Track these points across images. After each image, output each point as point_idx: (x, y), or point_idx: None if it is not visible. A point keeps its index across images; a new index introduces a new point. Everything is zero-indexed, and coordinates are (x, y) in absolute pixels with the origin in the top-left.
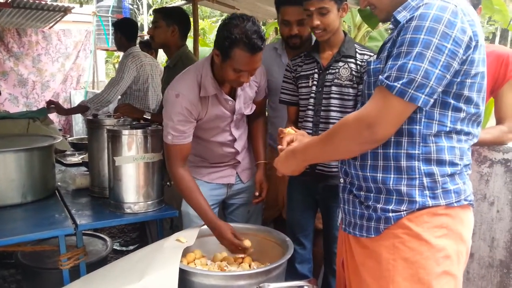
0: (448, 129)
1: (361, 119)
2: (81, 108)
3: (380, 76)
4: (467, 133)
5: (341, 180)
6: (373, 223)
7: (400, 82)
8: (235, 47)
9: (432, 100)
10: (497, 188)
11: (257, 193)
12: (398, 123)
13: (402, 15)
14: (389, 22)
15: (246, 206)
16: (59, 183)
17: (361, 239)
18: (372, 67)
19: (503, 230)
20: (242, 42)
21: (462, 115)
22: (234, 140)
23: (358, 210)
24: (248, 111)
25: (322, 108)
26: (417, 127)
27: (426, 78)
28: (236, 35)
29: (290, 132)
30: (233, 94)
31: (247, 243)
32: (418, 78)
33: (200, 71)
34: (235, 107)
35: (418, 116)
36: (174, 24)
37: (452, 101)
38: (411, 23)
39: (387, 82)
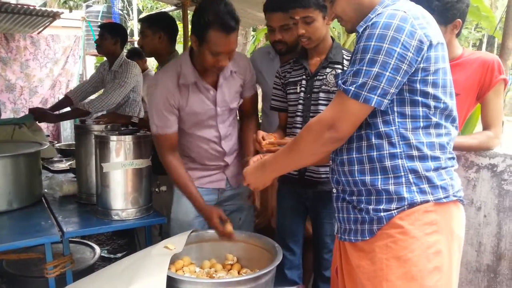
0: (422, 124)
1: (322, 121)
2: (80, 113)
3: (339, 81)
4: (443, 127)
5: (334, 190)
6: (367, 226)
7: (354, 85)
8: (209, 29)
9: (386, 101)
10: (484, 193)
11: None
12: (356, 122)
13: (362, 27)
14: None
15: (237, 213)
16: (46, 190)
17: (357, 244)
18: (339, 79)
19: (490, 235)
20: (216, 24)
21: (432, 110)
22: (220, 137)
23: (352, 215)
24: (234, 105)
25: (311, 114)
26: (393, 128)
27: (377, 81)
28: (210, 18)
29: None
30: (215, 87)
31: (228, 228)
32: (370, 81)
33: (180, 61)
34: (216, 98)
35: (391, 117)
36: (159, 31)
37: (420, 98)
38: (365, 32)
39: (343, 86)
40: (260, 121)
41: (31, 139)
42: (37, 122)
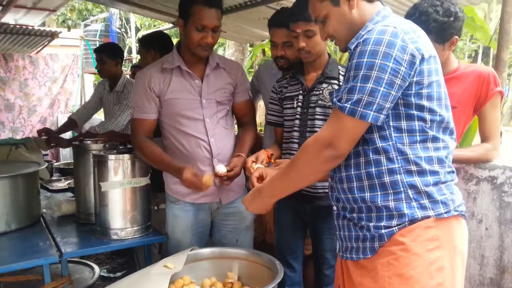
0: (419, 138)
1: (320, 139)
2: (90, 135)
3: (334, 99)
4: (440, 141)
5: (334, 208)
6: (368, 243)
7: (350, 102)
8: (193, 4)
9: (382, 116)
10: (484, 205)
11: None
12: (354, 139)
13: (353, 44)
14: None
15: (234, 235)
16: (44, 210)
17: (359, 261)
18: (334, 96)
19: (492, 248)
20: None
21: (428, 124)
22: (207, 134)
23: (353, 233)
24: (221, 99)
25: (308, 129)
26: (390, 143)
27: (372, 96)
28: None
29: (259, 167)
30: (202, 79)
31: (206, 177)
32: (365, 97)
33: (167, 55)
34: (202, 89)
35: (388, 132)
36: (151, 49)
37: (416, 112)
38: (357, 49)
39: (339, 104)
40: (262, 134)
41: (28, 159)
42: (35, 142)
